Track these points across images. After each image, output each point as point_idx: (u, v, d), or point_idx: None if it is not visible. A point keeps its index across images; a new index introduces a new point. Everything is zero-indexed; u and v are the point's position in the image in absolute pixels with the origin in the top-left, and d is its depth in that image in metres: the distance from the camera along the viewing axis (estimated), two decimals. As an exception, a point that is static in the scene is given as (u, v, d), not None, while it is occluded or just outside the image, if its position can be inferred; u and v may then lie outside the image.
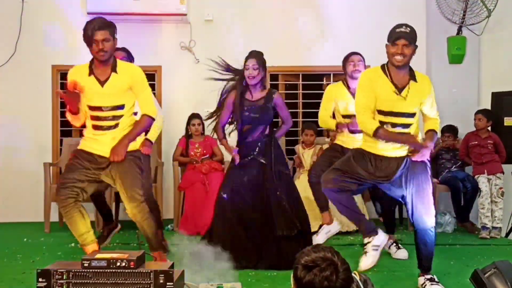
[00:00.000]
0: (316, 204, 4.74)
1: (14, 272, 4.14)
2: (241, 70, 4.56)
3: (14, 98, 6.54)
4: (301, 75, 6.91)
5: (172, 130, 6.38)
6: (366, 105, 3.68)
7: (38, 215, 6.10)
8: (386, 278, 3.95)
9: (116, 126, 3.73)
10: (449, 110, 6.26)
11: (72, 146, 5.77)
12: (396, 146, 3.66)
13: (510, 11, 6.57)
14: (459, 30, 6.51)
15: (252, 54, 4.53)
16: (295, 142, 6.59)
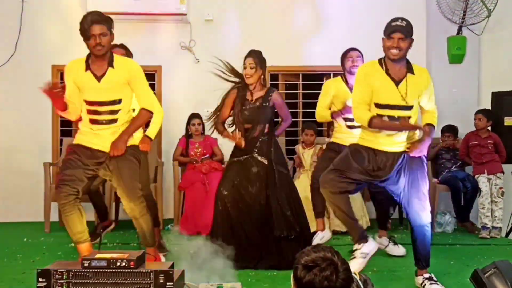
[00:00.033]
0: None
1: (14, 272, 4.14)
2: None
3: (14, 98, 6.53)
4: (301, 75, 6.91)
5: (172, 130, 6.37)
6: (362, 99, 3.67)
7: (38, 215, 6.10)
8: (386, 278, 3.95)
9: (115, 121, 3.73)
10: (449, 110, 6.25)
11: (72, 146, 5.76)
12: (395, 141, 3.65)
13: (510, 11, 6.57)
14: (459, 30, 6.51)
15: (250, 53, 4.53)
16: (295, 142, 6.58)
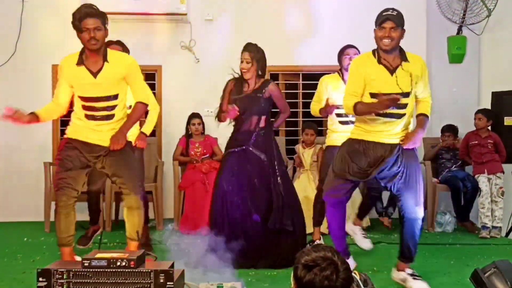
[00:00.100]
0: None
1: (14, 271, 4.15)
2: None
3: (14, 98, 6.50)
4: (301, 75, 6.91)
5: (172, 129, 6.37)
6: (352, 90, 3.66)
7: (38, 215, 6.09)
8: (386, 278, 3.95)
9: (111, 117, 3.73)
10: (449, 109, 6.25)
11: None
12: (389, 132, 3.63)
13: (510, 11, 6.57)
14: (459, 30, 6.50)
15: (245, 47, 4.51)
16: (295, 142, 6.58)
